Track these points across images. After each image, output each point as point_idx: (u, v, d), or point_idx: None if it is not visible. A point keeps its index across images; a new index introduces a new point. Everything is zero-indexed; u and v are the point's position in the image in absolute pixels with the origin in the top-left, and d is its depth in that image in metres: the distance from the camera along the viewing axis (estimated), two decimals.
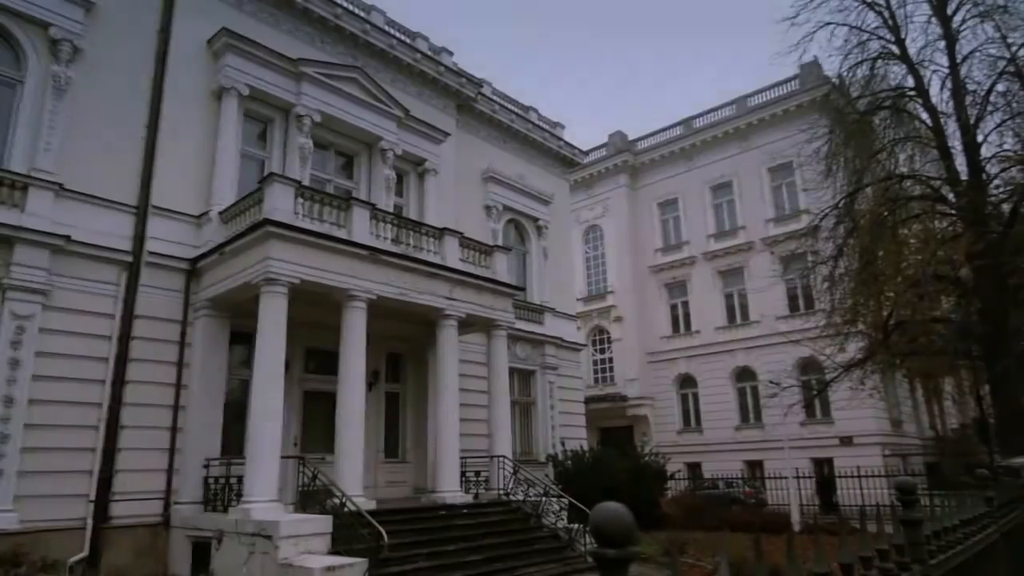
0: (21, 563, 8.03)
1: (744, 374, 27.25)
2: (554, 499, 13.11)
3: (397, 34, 16.88)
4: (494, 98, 19.91)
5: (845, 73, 14.21)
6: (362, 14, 16.10)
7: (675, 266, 30.10)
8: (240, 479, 10.18)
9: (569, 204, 23.96)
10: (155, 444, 10.94)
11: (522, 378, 18.77)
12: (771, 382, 17.83)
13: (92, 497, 10.19)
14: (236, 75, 12.99)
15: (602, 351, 31.51)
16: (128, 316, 11.06)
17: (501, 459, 13.44)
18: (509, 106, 20.48)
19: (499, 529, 11.89)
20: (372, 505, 10.56)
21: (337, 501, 9.85)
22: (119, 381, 10.75)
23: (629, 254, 31.16)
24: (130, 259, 11.27)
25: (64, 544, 9.68)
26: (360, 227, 11.67)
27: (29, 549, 8.70)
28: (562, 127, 22.53)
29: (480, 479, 13.61)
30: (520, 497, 13.10)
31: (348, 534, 9.37)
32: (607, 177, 32.55)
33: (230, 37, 12.88)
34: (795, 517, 17.64)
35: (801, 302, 25.40)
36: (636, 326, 30.27)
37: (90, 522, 10.10)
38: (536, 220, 20.55)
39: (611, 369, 30.85)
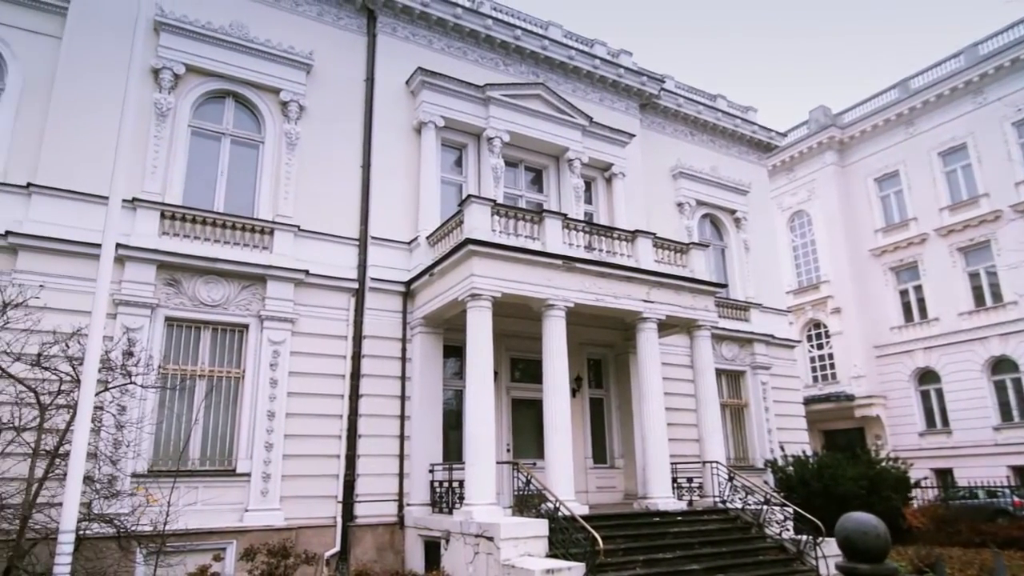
0: (289, 555, 9.32)
1: (1001, 365, 23.40)
2: (776, 508, 12.26)
3: (575, 44, 17.13)
4: (678, 92, 19.32)
5: None
6: (540, 31, 16.59)
7: (901, 246, 26.79)
8: (461, 483, 10.89)
9: (769, 191, 22.43)
10: (387, 451, 12.08)
11: (731, 379, 17.89)
12: None
13: (339, 498, 11.55)
14: (432, 109, 14.05)
15: (819, 347, 28.95)
16: (358, 336, 12.40)
17: (714, 465, 12.89)
18: (695, 97, 19.74)
19: (718, 538, 11.39)
20: (585, 510, 10.69)
21: (551, 505, 10.11)
22: (355, 395, 12.07)
23: (843, 238, 28.35)
24: (356, 286, 12.63)
25: (320, 539, 11.10)
26: (553, 237, 11.96)
27: (293, 543, 10.07)
28: (754, 111, 21.19)
29: (693, 485, 13.18)
30: (738, 505, 12.44)
31: (563, 538, 9.57)
32: (810, 157, 29.97)
33: (424, 75, 13.97)
34: None
35: None
36: (858, 317, 27.39)
37: (339, 520, 11.44)
38: (733, 212, 19.53)
39: (832, 366, 28.21)
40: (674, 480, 12.72)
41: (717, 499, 12.61)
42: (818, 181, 29.62)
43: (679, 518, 11.69)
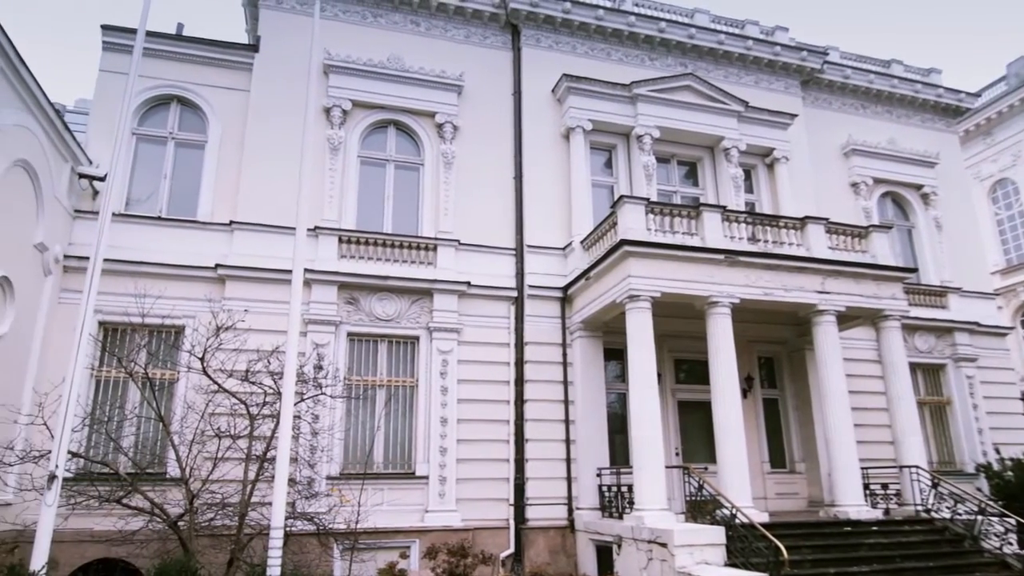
0: (467, 555, 9.76)
1: None
2: (995, 519, 10.78)
3: (724, 28, 16.35)
4: (844, 63, 17.74)
5: None
6: (686, 20, 16.05)
7: None
8: (629, 487, 10.74)
9: (962, 160, 19.89)
10: (554, 455, 12.23)
11: (928, 374, 16.05)
12: None
13: (511, 501, 11.88)
14: (579, 114, 14.10)
15: None
16: (520, 343, 12.71)
17: (914, 470, 11.61)
18: (864, 66, 18.00)
19: (922, 551, 10.23)
20: (764, 517, 10.11)
21: (727, 512, 9.66)
22: (520, 400, 12.37)
23: None
24: (515, 294, 12.97)
25: (494, 541, 11.49)
26: (712, 231, 11.49)
27: (471, 544, 10.51)
28: (937, 72, 18.89)
29: (888, 492, 11.97)
30: (945, 515, 11.11)
31: (742, 547, 9.11)
32: (1012, 117, 26.09)
33: (570, 81, 14.07)
34: None
35: None
36: None
37: (511, 523, 11.77)
38: (919, 187, 17.55)
39: None
40: (865, 486, 11.65)
41: (919, 507, 11.36)
42: None
43: (874, 528, 10.67)
